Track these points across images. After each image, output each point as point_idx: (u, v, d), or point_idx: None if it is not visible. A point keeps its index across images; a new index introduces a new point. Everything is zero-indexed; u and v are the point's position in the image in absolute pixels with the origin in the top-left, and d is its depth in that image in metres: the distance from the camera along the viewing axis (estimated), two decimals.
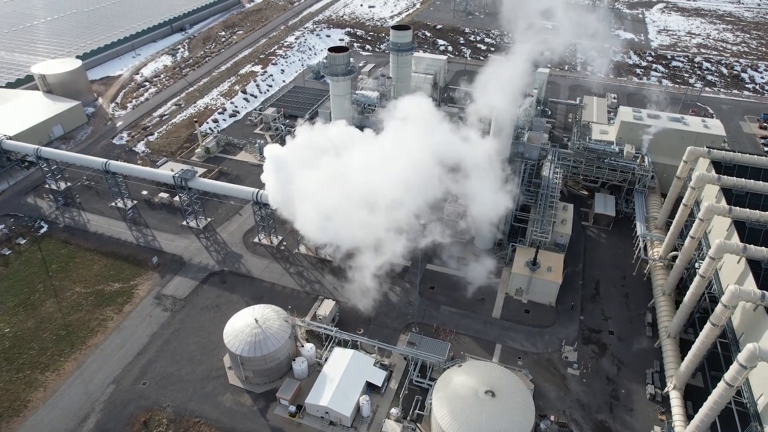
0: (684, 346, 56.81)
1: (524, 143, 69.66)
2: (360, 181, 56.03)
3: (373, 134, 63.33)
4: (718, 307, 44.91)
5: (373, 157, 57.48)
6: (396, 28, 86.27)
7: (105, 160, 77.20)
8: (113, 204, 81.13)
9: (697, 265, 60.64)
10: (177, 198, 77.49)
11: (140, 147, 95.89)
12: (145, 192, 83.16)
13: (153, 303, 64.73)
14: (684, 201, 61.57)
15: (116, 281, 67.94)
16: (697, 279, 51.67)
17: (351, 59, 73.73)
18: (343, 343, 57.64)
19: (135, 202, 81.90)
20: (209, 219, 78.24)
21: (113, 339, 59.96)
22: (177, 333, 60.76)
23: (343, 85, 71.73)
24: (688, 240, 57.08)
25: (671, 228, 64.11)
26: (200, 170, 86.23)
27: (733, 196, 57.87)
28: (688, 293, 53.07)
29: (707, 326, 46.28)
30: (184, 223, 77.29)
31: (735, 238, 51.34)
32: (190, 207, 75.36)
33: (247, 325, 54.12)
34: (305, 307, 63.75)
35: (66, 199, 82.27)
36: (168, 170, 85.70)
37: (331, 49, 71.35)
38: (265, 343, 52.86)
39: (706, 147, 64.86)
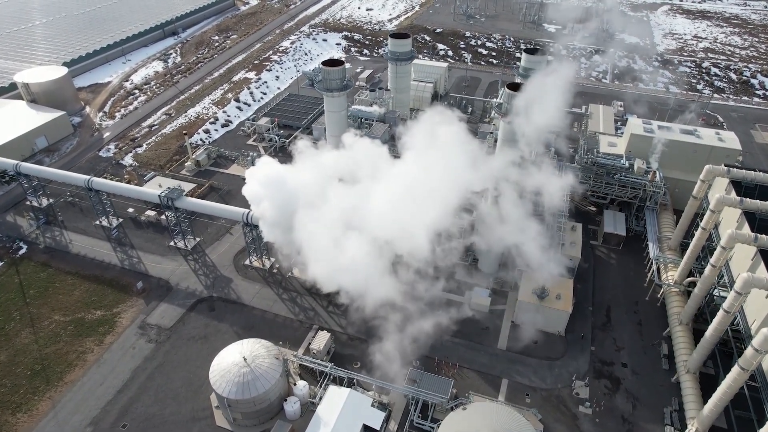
0: (704, 380, 53.23)
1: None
2: (385, 228, 52.44)
3: (393, 156, 59.56)
4: (749, 351, 41.08)
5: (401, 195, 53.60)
6: (395, 36, 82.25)
7: (88, 177, 73.08)
8: (97, 222, 77.06)
9: (716, 291, 57.19)
10: (164, 216, 73.46)
11: (128, 160, 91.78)
12: (131, 209, 79.07)
13: (137, 333, 60.72)
14: (702, 224, 57.70)
15: (98, 308, 63.94)
16: (720, 314, 47.77)
17: (346, 72, 69.71)
18: (339, 381, 53.73)
19: (120, 220, 77.84)
20: (198, 239, 74.23)
21: (92, 374, 55.94)
22: (161, 367, 56.78)
23: (339, 101, 67.50)
24: (708, 269, 53.21)
25: (688, 252, 60.26)
26: (189, 186, 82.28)
27: (756, 221, 54.01)
28: (711, 329, 49.21)
29: (735, 370, 42.47)
30: (172, 243, 73.28)
31: (762, 270, 47.46)
32: (178, 227, 71.34)
33: (234, 363, 50.15)
34: (298, 338, 59.84)
35: (47, 217, 78.21)
36: (156, 185, 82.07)
37: (325, 63, 67.03)
38: (254, 384, 48.92)
39: (725, 165, 61.01)
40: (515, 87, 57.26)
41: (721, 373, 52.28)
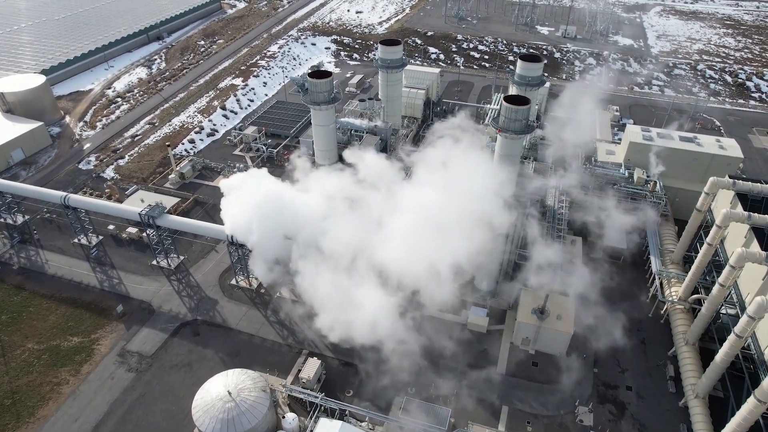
0: (713, 403, 50.91)
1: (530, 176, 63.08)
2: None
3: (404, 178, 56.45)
4: (766, 382, 38.64)
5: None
6: (385, 42, 79.25)
7: (64, 193, 69.41)
8: (76, 240, 73.41)
9: (722, 309, 54.90)
10: (146, 234, 70.00)
11: (109, 172, 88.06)
12: (111, 226, 75.56)
13: (116, 362, 57.31)
14: (708, 240, 55.32)
15: (75, 334, 60.44)
16: (732, 339, 45.34)
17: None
18: (330, 412, 50.74)
19: (100, 237, 74.27)
20: (182, 257, 70.84)
21: (67, 408, 52.48)
22: (142, 399, 53.44)
23: (327, 114, 64.29)
24: (716, 288, 50.80)
25: (693, 268, 57.92)
26: (173, 200, 78.78)
27: (765, 237, 51.73)
28: (721, 353, 46.77)
29: (752, 402, 40.02)
30: (154, 262, 69.86)
31: None
32: (160, 245, 67.96)
33: (219, 398, 46.92)
34: (287, 364, 56.77)
35: (22, 236, 74.45)
36: (138, 200, 78.54)
37: (312, 74, 63.70)
38: (239, 420, 45.78)
39: (729, 177, 58.81)
40: (513, 100, 54.60)
41: (731, 397, 50.10)
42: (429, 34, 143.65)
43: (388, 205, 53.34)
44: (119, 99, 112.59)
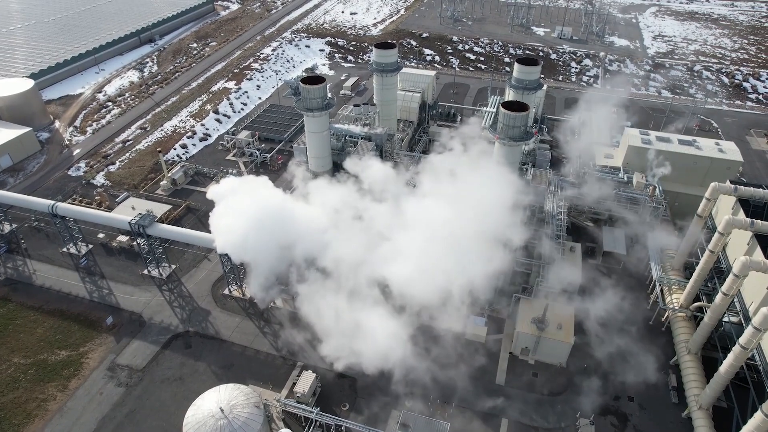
0: (717, 414, 49.87)
1: (529, 183, 61.83)
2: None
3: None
4: None
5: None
6: (380, 46, 77.91)
7: (52, 202, 67.80)
8: (65, 250, 71.74)
9: (725, 317, 53.90)
10: (136, 243, 68.42)
11: (99, 179, 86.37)
12: (101, 235, 73.91)
13: (105, 376, 55.75)
14: (710, 247, 54.29)
15: (63, 348, 58.83)
16: (737, 350, 44.32)
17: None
18: (326, 428, 49.40)
19: (90, 246, 72.63)
20: (174, 266, 69.30)
21: (54, 426, 50.88)
22: (132, 416, 51.92)
23: (320, 121, 62.79)
24: (719, 297, 49.75)
25: (694, 275, 56.89)
26: (164, 208, 77.14)
27: None
28: (725, 365, 45.71)
29: (759, 417, 38.97)
30: (145, 272, 68.30)
31: None
32: (151, 255, 66.40)
33: (210, 414, 45.54)
34: (282, 376, 55.37)
35: (9, 245, 72.70)
36: (129, 207, 76.86)
37: (304, 80, 62.18)
38: None
39: (730, 182, 57.79)
40: (511, 106, 53.39)
41: (736, 408, 49.22)
42: (424, 35, 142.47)
43: (396, 221, 51.84)
44: (110, 103, 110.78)
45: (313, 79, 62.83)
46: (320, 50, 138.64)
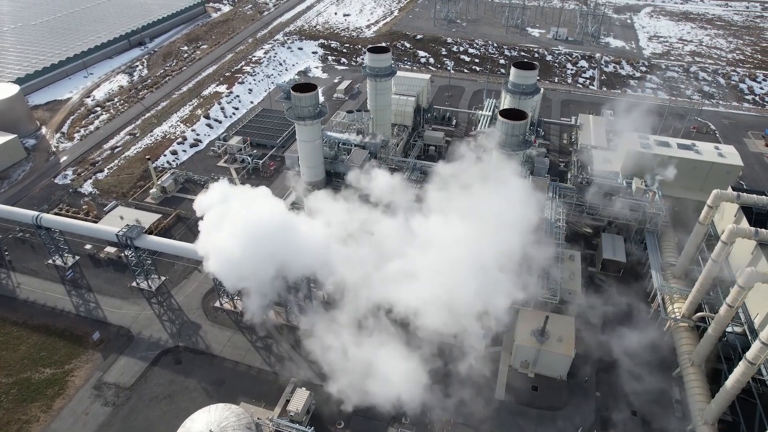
0: (722, 429, 48.56)
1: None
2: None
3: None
4: None
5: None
6: (374, 50, 76.20)
7: (36, 213, 65.75)
8: (50, 261, 69.66)
9: (729, 327, 52.63)
10: (124, 254, 66.45)
11: (87, 187, 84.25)
12: (88, 246, 71.84)
13: (91, 395, 53.82)
14: (713, 257, 52.83)
15: (47, 365, 56.82)
16: (744, 365, 43.00)
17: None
18: None
19: (77, 258, 70.58)
20: (163, 278, 67.38)
21: None
22: None
23: (312, 129, 60.98)
24: (723, 309, 48.36)
25: (697, 285, 55.47)
26: (154, 217, 75.17)
27: None
28: (731, 380, 44.40)
29: None
30: (134, 284, 66.34)
31: None
32: (140, 267, 64.45)
33: None
34: (275, 393, 53.61)
35: None
36: (117, 217, 74.91)
37: (295, 87, 60.15)
38: None
39: (732, 189, 56.63)
40: (509, 114, 51.90)
41: (742, 423, 47.99)
42: (418, 37, 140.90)
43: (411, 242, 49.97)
44: (98, 108, 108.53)
45: (304, 86, 60.82)
46: (313, 52, 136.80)
